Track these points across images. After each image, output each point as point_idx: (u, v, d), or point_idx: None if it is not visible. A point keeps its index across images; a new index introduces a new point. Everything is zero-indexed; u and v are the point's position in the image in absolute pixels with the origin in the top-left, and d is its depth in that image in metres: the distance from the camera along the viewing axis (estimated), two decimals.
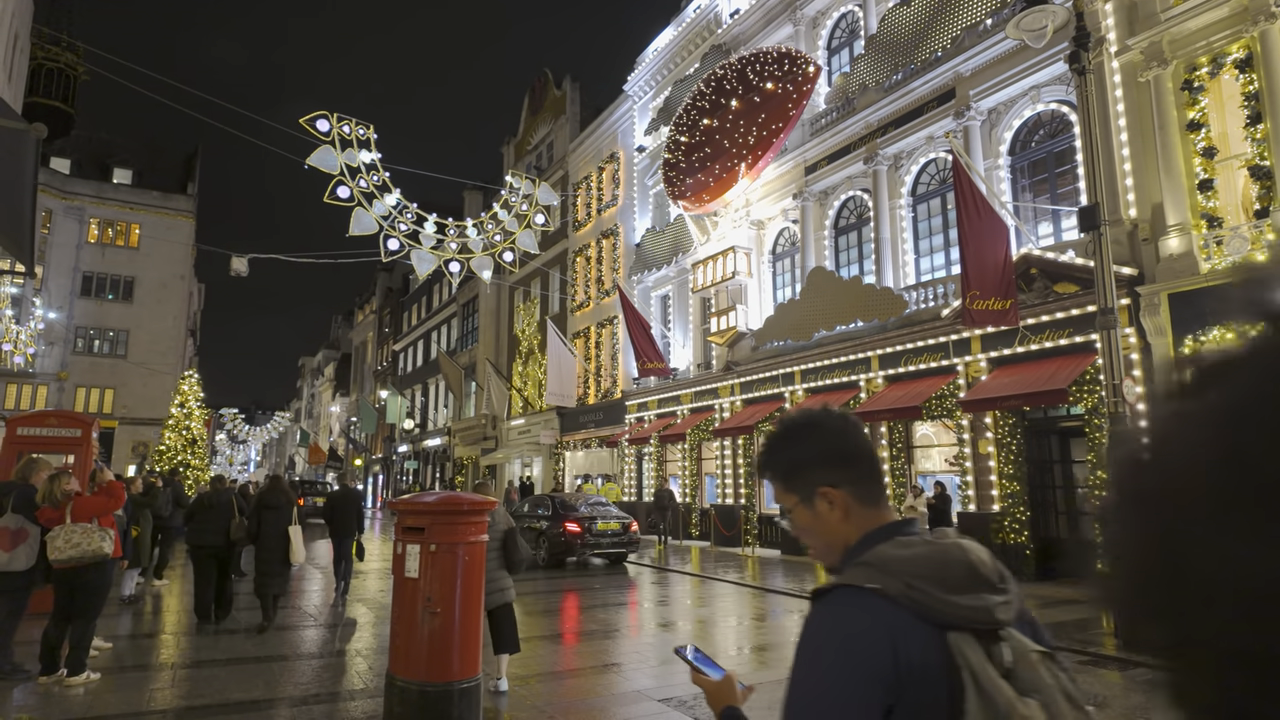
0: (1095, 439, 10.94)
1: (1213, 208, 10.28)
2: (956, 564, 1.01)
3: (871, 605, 0.97)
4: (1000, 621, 0.99)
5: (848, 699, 0.92)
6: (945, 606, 0.96)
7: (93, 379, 34.97)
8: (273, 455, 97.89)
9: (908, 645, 0.94)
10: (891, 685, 0.92)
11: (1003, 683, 0.94)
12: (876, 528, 1.13)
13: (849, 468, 1.16)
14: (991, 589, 1.01)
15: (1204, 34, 10.47)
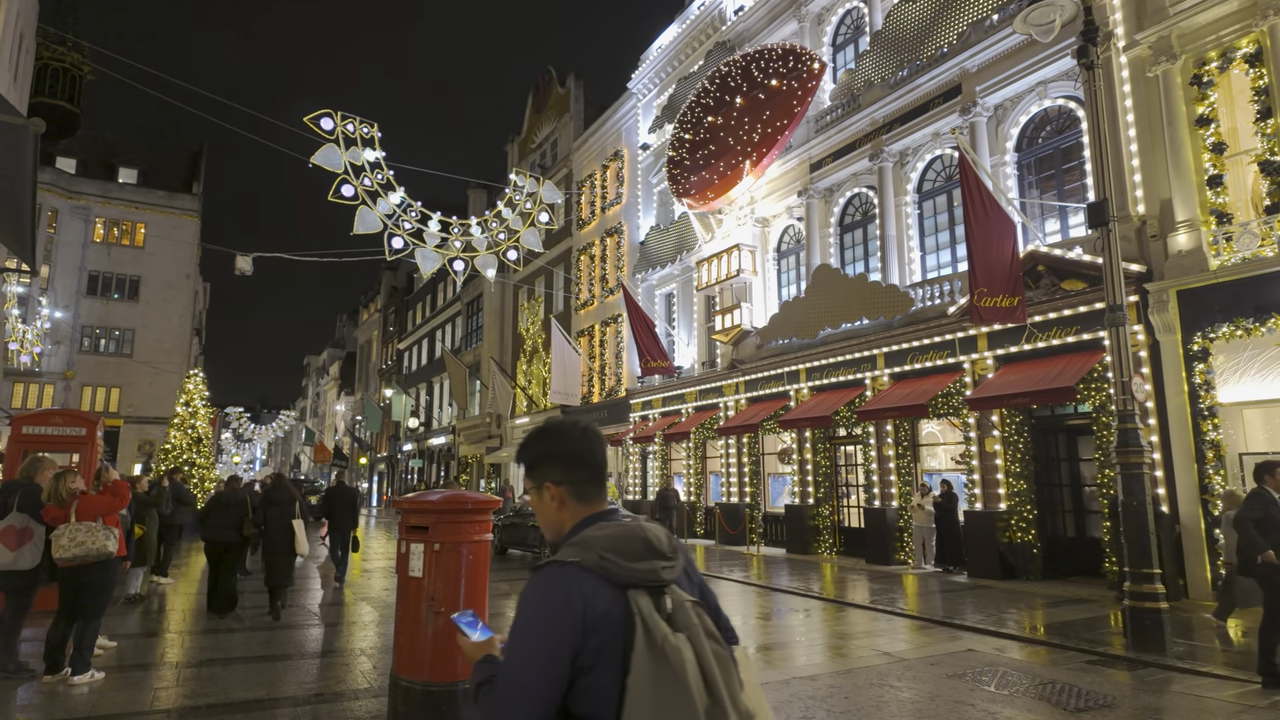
0: (1103, 437, 10.86)
1: (1222, 203, 10.18)
2: (636, 540, 1.38)
3: (569, 573, 1.33)
4: (665, 581, 1.37)
5: (541, 645, 1.28)
6: (625, 571, 1.33)
7: (99, 378, 35.09)
8: (278, 454, 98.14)
9: (595, 602, 1.30)
10: (578, 632, 1.28)
11: (663, 623, 1.30)
12: (586, 516, 1.50)
13: (572, 471, 1.53)
14: (661, 557, 1.38)
15: (1213, 28, 10.37)
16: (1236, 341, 9.83)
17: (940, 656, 7.04)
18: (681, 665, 1.26)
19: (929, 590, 11.07)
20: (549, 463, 1.55)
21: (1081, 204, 11.97)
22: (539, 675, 1.28)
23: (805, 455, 16.75)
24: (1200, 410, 10.01)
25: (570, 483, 1.53)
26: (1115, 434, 7.57)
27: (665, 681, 1.25)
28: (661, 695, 1.24)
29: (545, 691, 1.27)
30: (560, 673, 1.28)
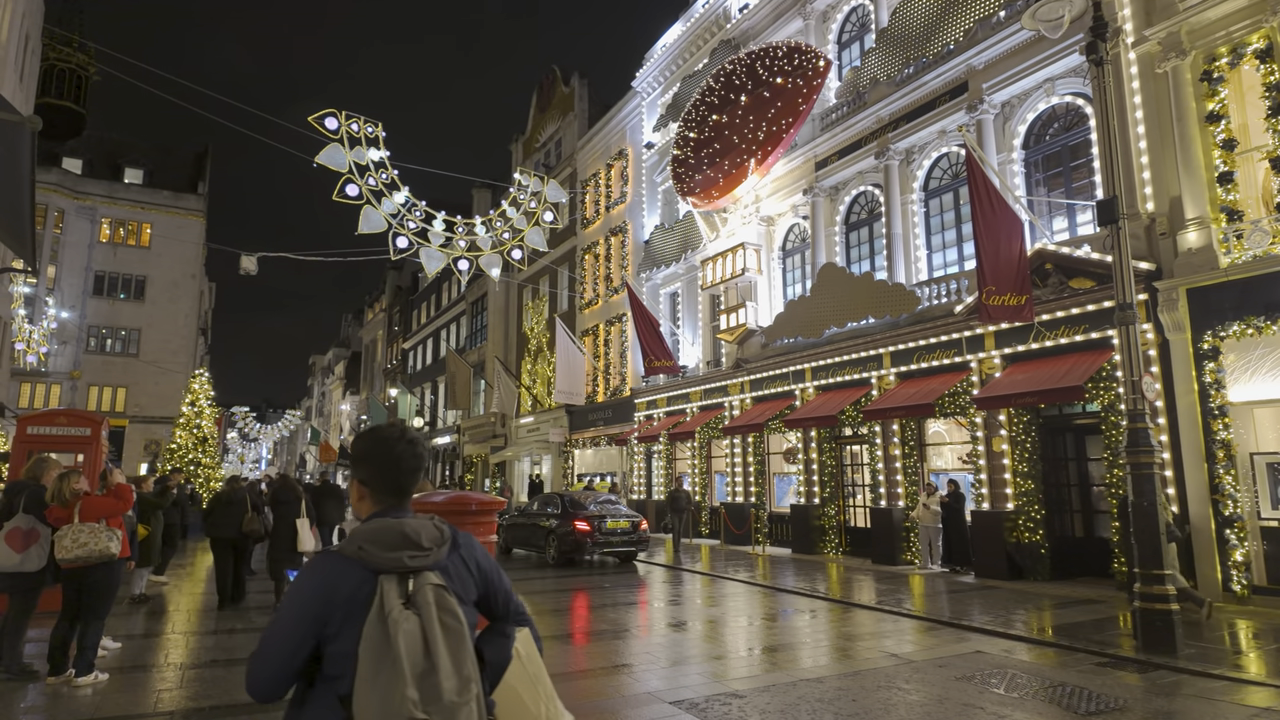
0: (1111, 436, 10.78)
1: (1233, 201, 10.08)
2: (393, 533, 1.65)
3: (327, 560, 1.65)
4: (411, 568, 1.64)
5: (289, 617, 1.60)
6: (378, 559, 1.62)
7: (105, 378, 35.21)
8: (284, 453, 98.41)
9: (343, 583, 1.60)
10: (324, 608, 1.58)
11: (398, 602, 1.57)
12: (374, 512, 1.77)
13: (376, 475, 1.79)
14: (415, 548, 1.65)
15: (1223, 24, 10.26)
16: (1247, 340, 9.73)
17: (948, 658, 6.98)
18: (397, 635, 1.54)
19: (936, 591, 11.00)
20: (362, 463, 1.82)
21: (1090, 201, 11.88)
22: (282, 642, 1.59)
23: (811, 455, 16.68)
24: (1210, 409, 9.92)
25: (371, 484, 1.80)
26: (1124, 433, 7.50)
27: (383, 648, 1.53)
28: (379, 660, 1.53)
29: (285, 655, 1.58)
30: (299, 641, 1.58)
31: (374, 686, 1.52)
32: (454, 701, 1.56)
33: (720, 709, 5.44)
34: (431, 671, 1.55)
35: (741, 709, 5.44)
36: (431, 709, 1.53)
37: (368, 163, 14.41)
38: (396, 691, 1.51)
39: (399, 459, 1.79)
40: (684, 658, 7.13)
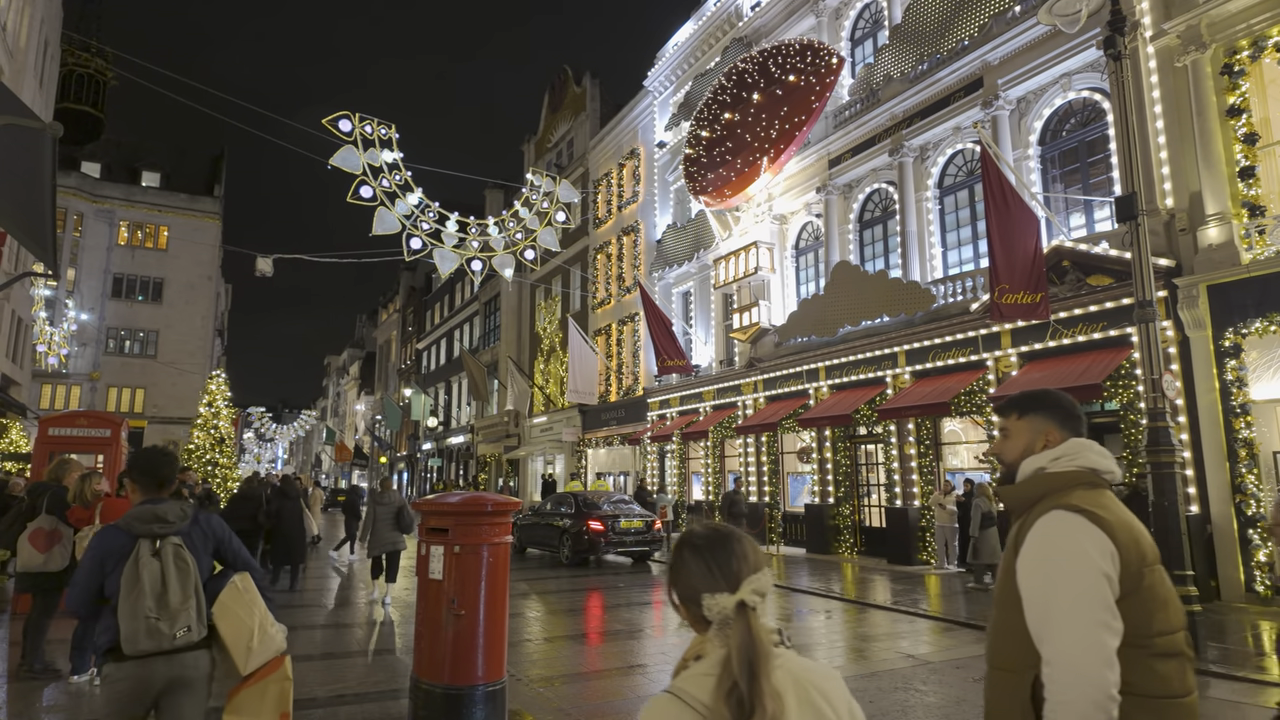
0: (1131, 435, 10.65)
1: (1254, 195, 9.93)
2: (148, 514, 2.89)
3: (108, 531, 2.94)
4: (157, 534, 2.87)
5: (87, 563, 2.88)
6: (136, 528, 2.88)
7: (124, 379, 35.63)
8: (299, 453, 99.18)
9: (116, 543, 2.87)
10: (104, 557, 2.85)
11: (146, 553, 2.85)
12: (140, 501, 3.00)
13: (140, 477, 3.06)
14: (161, 522, 2.91)
15: (1244, 16, 10.12)
16: (1270, 337, 9.59)
17: (966, 660, 6.92)
18: (143, 572, 2.82)
19: (952, 591, 10.93)
20: (131, 468, 3.11)
21: (1107, 198, 11.74)
22: (85, 577, 2.87)
23: (825, 454, 16.61)
24: (1232, 408, 9.78)
25: (140, 483, 3.06)
26: (1144, 432, 7.40)
27: (134, 580, 2.81)
28: (132, 586, 2.80)
29: (85, 585, 2.86)
30: (91, 576, 2.85)
31: (127, 601, 2.79)
32: (177, 608, 2.85)
33: None
34: (165, 593, 2.84)
35: None
36: (162, 613, 2.81)
37: (381, 164, 14.48)
38: (141, 603, 2.79)
39: (156, 468, 3.07)
40: None
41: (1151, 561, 1.66)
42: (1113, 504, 1.72)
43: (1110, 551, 1.61)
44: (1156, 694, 1.58)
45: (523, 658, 7.02)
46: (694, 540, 1.35)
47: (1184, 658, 1.64)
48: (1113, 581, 1.60)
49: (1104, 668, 1.53)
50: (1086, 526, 1.63)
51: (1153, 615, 1.61)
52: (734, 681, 1.17)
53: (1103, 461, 1.79)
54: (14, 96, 3.38)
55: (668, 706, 1.22)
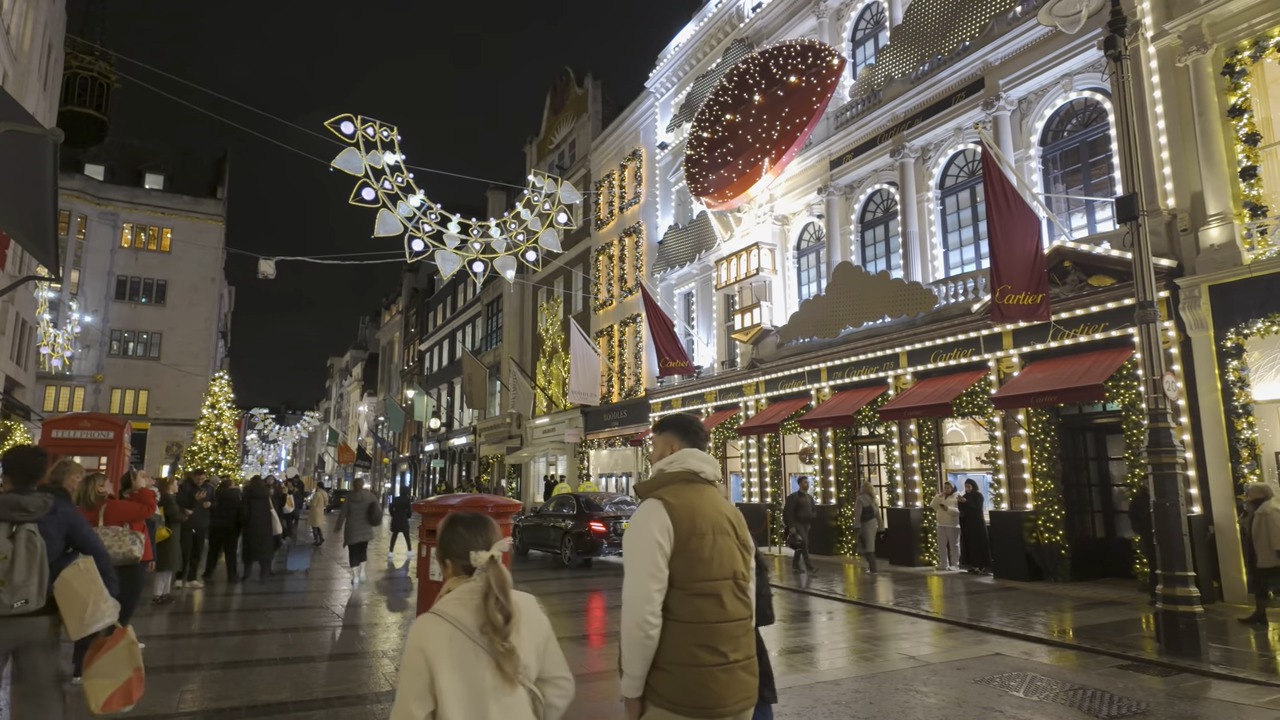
0: (1133, 436, 10.64)
1: (1256, 196, 9.92)
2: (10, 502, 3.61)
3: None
4: (14, 519, 3.60)
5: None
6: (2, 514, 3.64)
7: (127, 381, 35.73)
8: (303, 455, 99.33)
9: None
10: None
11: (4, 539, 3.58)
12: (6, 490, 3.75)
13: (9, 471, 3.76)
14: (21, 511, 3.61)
15: (1245, 16, 10.10)
16: (1272, 337, 9.57)
17: (966, 661, 6.92)
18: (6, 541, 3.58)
19: (954, 592, 10.92)
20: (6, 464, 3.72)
21: (1109, 198, 11.72)
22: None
23: (827, 455, 16.61)
24: (1234, 408, 9.77)
25: (11, 475, 3.66)
26: (1146, 433, 7.40)
27: None
28: None
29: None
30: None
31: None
32: (20, 583, 3.53)
33: None
34: (11, 570, 3.52)
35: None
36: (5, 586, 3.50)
37: (383, 166, 14.52)
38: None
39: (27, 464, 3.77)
40: None
41: (702, 533, 2.38)
42: (690, 494, 2.45)
43: (666, 527, 2.35)
44: (692, 620, 2.33)
45: None
46: (463, 520, 2.11)
47: (718, 598, 2.37)
48: (663, 547, 2.33)
49: (644, 602, 2.30)
50: (657, 509, 2.38)
51: (694, 569, 2.35)
52: (495, 597, 1.94)
53: (702, 465, 2.54)
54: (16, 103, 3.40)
55: (431, 620, 1.91)
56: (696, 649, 2.31)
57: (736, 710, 2.38)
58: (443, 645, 1.86)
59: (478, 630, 1.89)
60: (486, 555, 1.99)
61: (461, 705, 1.83)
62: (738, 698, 2.37)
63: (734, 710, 2.37)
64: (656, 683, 2.33)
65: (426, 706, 1.82)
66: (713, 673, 2.32)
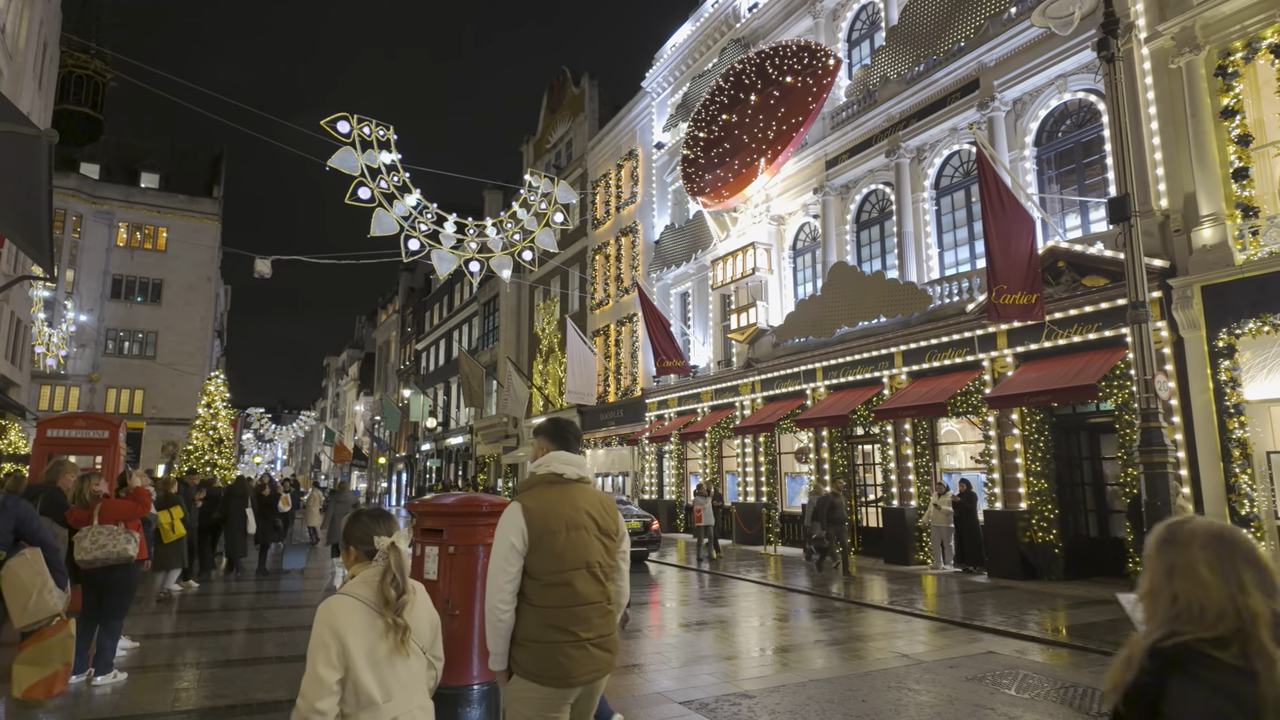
0: (1126, 435, 10.69)
1: (1248, 197, 9.98)
2: None
3: None
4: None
5: None
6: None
7: (123, 380, 35.64)
8: (299, 454, 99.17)
9: None
10: None
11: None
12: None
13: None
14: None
15: (1238, 18, 10.16)
16: (1264, 337, 9.63)
17: (959, 659, 6.96)
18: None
19: (948, 591, 10.96)
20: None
21: (1103, 199, 11.77)
22: None
23: (822, 454, 16.65)
24: (1226, 408, 9.82)
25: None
26: (1138, 433, 7.44)
27: None
28: None
29: None
30: None
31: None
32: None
33: (730, 709, 5.47)
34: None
35: (751, 709, 5.46)
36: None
37: (379, 166, 14.52)
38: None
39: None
40: (695, 658, 7.16)
41: (554, 530, 2.76)
42: (550, 495, 2.85)
43: (521, 529, 2.74)
44: (545, 605, 2.73)
45: None
46: (368, 512, 2.47)
47: (570, 585, 2.75)
48: (516, 546, 2.74)
49: (497, 592, 2.73)
50: (515, 514, 2.78)
51: (547, 562, 2.74)
52: (393, 576, 2.26)
53: (564, 467, 2.92)
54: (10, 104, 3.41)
55: (341, 600, 2.22)
56: (549, 628, 2.73)
57: (587, 680, 2.79)
58: (350, 620, 2.17)
59: (378, 606, 2.22)
60: (388, 541, 2.33)
61: (368, 669, 2.15)
62: (588, 670, 2.77)
63: (584, 681, 2.78)
64: (518, 657, 2.76)
65: (337, 674, 2.13)
66: (563, 648, 2.73)
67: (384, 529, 2.38)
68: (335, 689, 2.12)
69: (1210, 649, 1.37)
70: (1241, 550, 1.45)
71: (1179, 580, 1.46)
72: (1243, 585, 1.41)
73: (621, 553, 3.00)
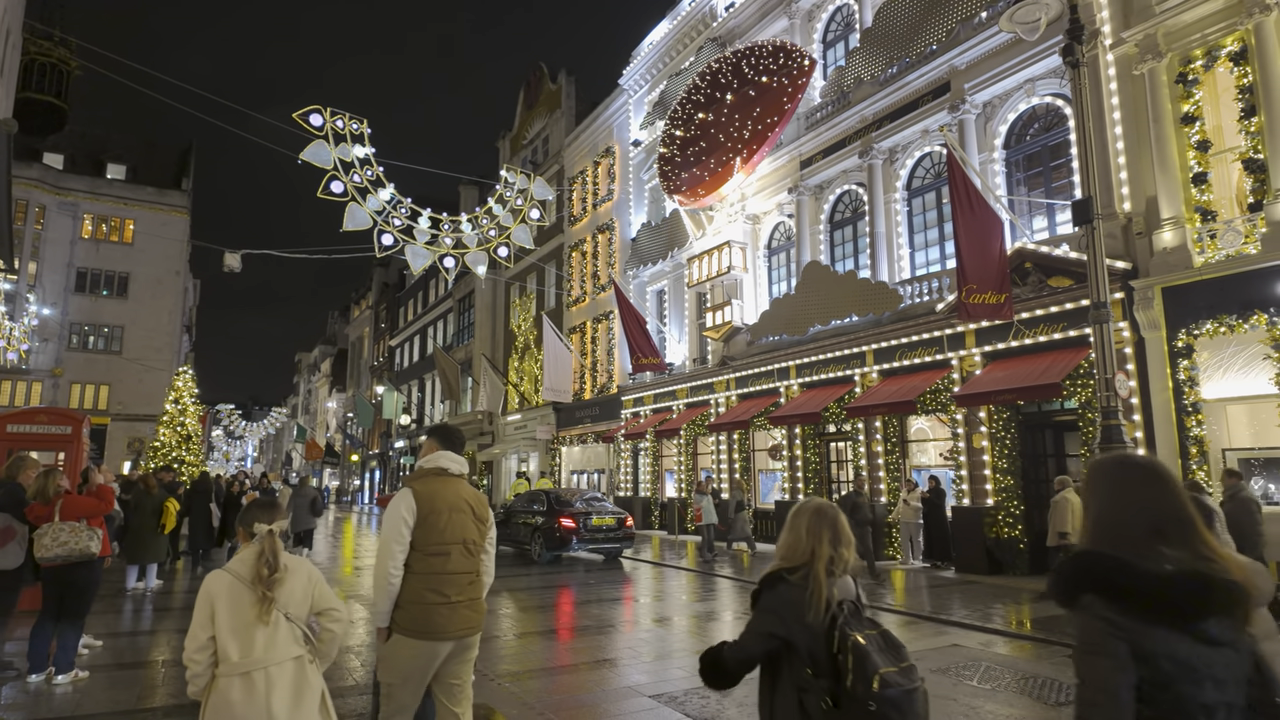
0: (1089, 433, 10.94)
1: (1207, 201, 10.26)
2: None
3: None
4: None
5: None
6: None
7: (88, 375, 34.87)
8: (270, 451, 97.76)
9: None
10: None
11: None
12: None
13: None
14: None
15: (1199, 26, 10.43)
16: (1220, 338, 9.91)
17: (925, 652, 7.09)
18: None
19: (916, 586, 11.14)
20: None
21: (1069, 201, 12.02)
22: None
23: (795, 451, 16.81)
24: (1184, 406, 10.10)
25: None
26: (1099, 430, 7.63)
27: None
28: None
29: None
30: None
31: None
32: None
33: (699, 702, 5.52)
34: None
35: (720, 702, 5.52)
36: None
37: (352, 159, 14.36)
38: None
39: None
40: (667, 652, 7.21)
41: (439, 511, 3.33)
42: (435, 484, 3.41)
43: (411, 508, 3.31)
44: (424, 572, 3.28)
45: (493, 654, 7.05)
46: (257, 503, 2.95)
47: (448, 556, 3.32)
48: (407, 521, 3.28)
49: (389, 559, 3.25)
50: (407, 495, 3.34)
51: (429, 536, 3.30)
52: (265, 557, 2.76)
53: (449, 464, 3.50)
54: None
55: (218, 574, 2.76)
56: (426, 591, 3.26)
57: (458, 636, 3.33)
58: (222, 589, 2.72)
59: (251, 580, 2.73)
60: (266, 528, 2.82)
61: (231, 630, 2.68)
62: (459, 627, 3.32)
63: (455, 636, 3.31)
64: (398, 616, 3.26)
65: (208, 631, 2.68)
66: (437, 608, 3.26)
67: (266, 518, 2.86)
68: (207, 643, 2.67)
69: (786, 574, 2.27)
70: (828, 518, 2.34)
71: (789, 534, 2.36)
72: (820, 539, 2.27)
73: (490, 538, 3.57)
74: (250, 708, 2.63)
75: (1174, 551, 1.53)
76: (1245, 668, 1.50)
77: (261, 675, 2.68)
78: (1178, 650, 1.47)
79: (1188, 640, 1.47)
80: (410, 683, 3.27)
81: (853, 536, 2.41)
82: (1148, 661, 1.47)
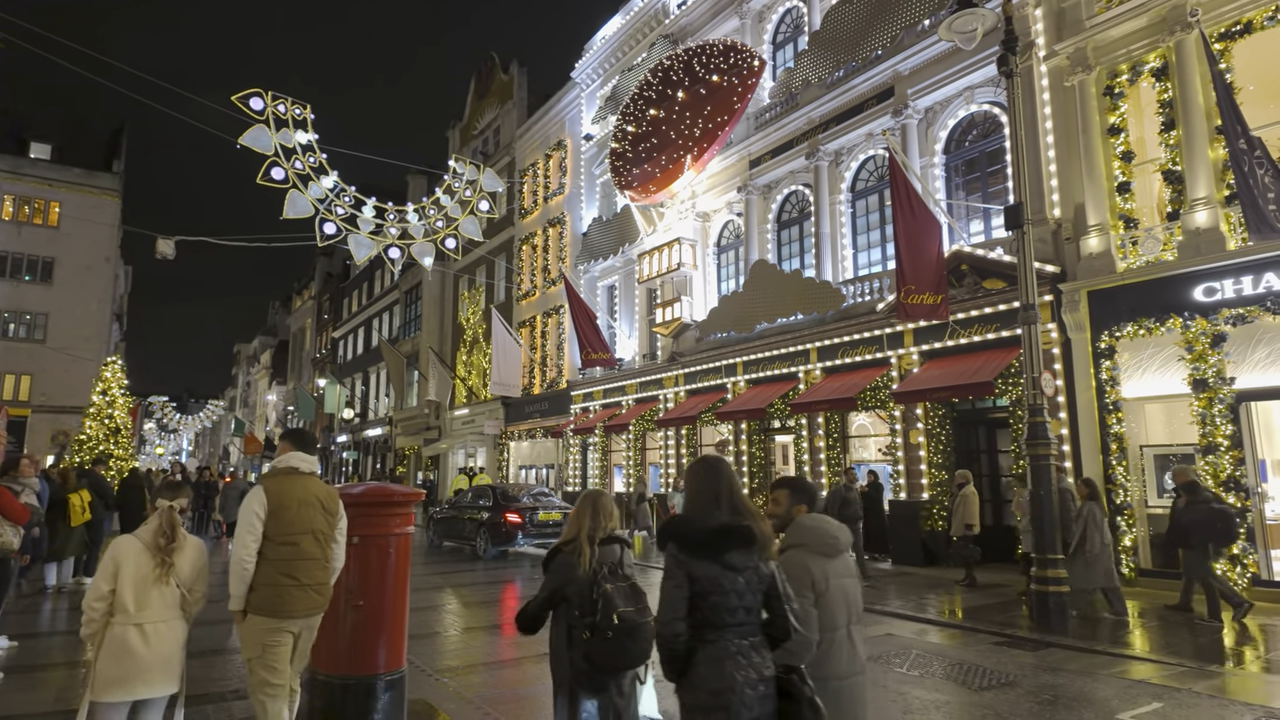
0: (1019, 430, 11.38)
1: (1129, 209, 10.77)
2: None
3: None
4: None
5: None
6: None
7: (8, 364, 33.15)
8: (206, 445, 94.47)
9: None
10: None
11: None
12: None
13: None
14: None
15: (1125, 42, 10.92)
16: (1140, 340, 10.42)
17: None
18: None
19: None
20: None
21: (1004, 206, 12.47)
22: None
23: (741, 446, 17.05)
24: (1106, 405, 10.59)
25: None
26: (1026, 428, 7.96)
27: None
28: None
29: None
30: None
31: None
32: None
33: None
34: None
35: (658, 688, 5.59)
36: None
37: (294, 145, 13.98)
38: None
39: None
40: None
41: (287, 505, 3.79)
42: (286, 482, 3.90)
43: (263, 502, 3.78)
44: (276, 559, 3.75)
45: (434, 650, 7.00)
46: (166, 484, 3.78)
47: (297, 544, 3.77)
48: (259, 515, 3.75)
49: (243, 548, 3.68)
50: (259, 492, 3.83)
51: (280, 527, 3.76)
52: (163, 528, 3.54)
53: (299, 463, 4.01)
54: None
55: (126, 538, 3.50)
56: (278, 575, 3.72)
57: (303, 616, 3.78)
58: (127, 551, 3.43)
59: (151, 545, 3.48)
60: (167, 504, 3.59)
61: (130, 585, 3.38)
62: (304, 608, 3.77)
63: (300, 615, 3.77)
64: (252, 599, 3.71)
65: (110, 585, 3.35)
66: (288, 590, 3.73)
67: (169, 496, 3.63)
68: (107, 594, 3.33)
69: (563, 547, 3.29)
70: (590, 502, 3.37)
71: (574, 519, 3.35)
72: (584, 517, 3.31)
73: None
74: (146, 651, 3.37)
75: (722, 514, 2.52)
76: (762, 584, 2.43)
77: (153, 627, 3.40)
78: (710, 572, 2.40)
79: (717, 567, 2.39)
80: (267, 656, 3.73)
81: (613, 509, 3.40)
82: (696, 581, 2.39)
